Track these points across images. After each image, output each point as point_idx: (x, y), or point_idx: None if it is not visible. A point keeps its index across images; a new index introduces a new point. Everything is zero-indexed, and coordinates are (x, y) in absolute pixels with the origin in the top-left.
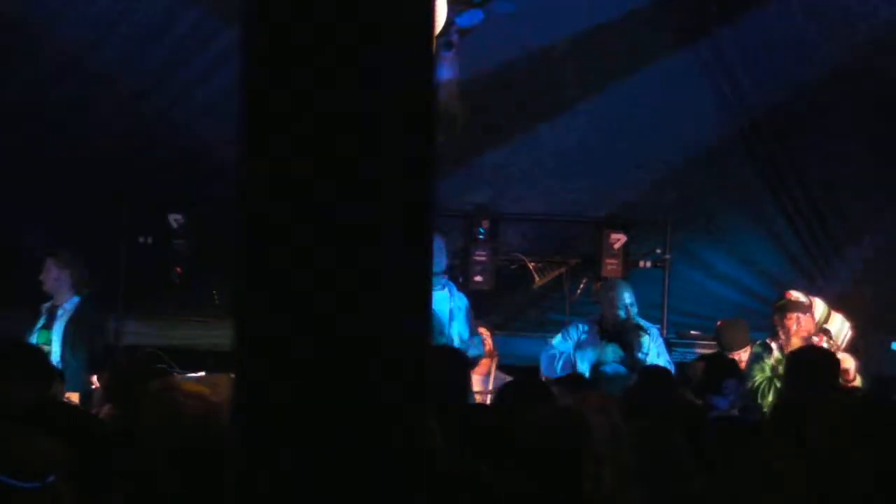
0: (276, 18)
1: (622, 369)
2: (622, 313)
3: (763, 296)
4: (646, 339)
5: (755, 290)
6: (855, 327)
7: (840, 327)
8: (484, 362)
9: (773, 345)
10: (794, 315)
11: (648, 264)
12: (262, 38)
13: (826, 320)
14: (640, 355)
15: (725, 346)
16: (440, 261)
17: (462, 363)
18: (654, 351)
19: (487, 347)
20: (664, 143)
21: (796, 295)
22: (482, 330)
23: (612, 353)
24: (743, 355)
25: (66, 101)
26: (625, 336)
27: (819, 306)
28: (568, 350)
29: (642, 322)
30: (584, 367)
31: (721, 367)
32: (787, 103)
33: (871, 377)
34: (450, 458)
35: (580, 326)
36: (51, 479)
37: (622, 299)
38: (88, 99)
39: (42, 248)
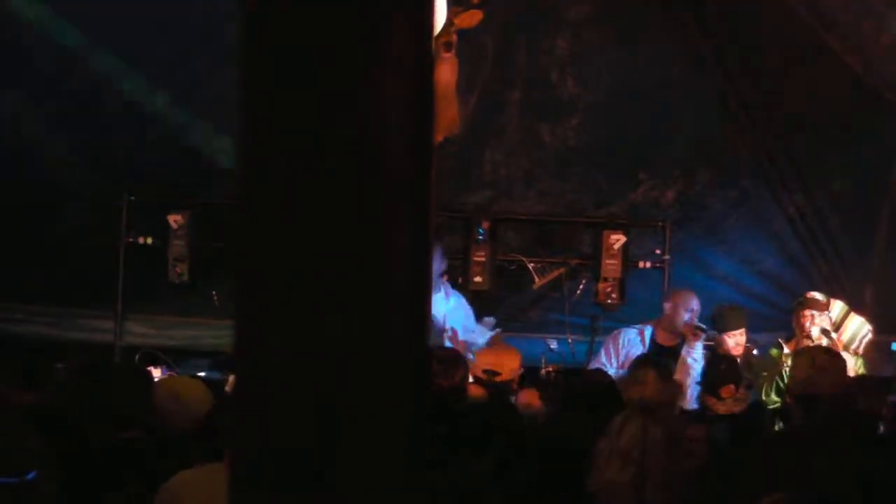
0: (275, 18)
1: None
2: (687, 317)
3: (763, 296)
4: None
5: (755, 290)
6: (875, 330)
7: (858, 329)
8: None
9: (786, 345)
10: (809, 313)
11: (648, 265)
12: (261, 37)
13: (843, 321)
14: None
15: (719, 328)
16: (436, 266)
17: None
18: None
19: None
20: (664, 143)
21: (814, 294)
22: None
23: None
24: (740, 338)
25: (66, 100)
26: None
27: (837, 306)
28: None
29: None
30: None
31: (717, 369)
32: (788, 102)
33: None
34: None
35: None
36: (31, 475)
37: (690, 304)
38: (88, 99)
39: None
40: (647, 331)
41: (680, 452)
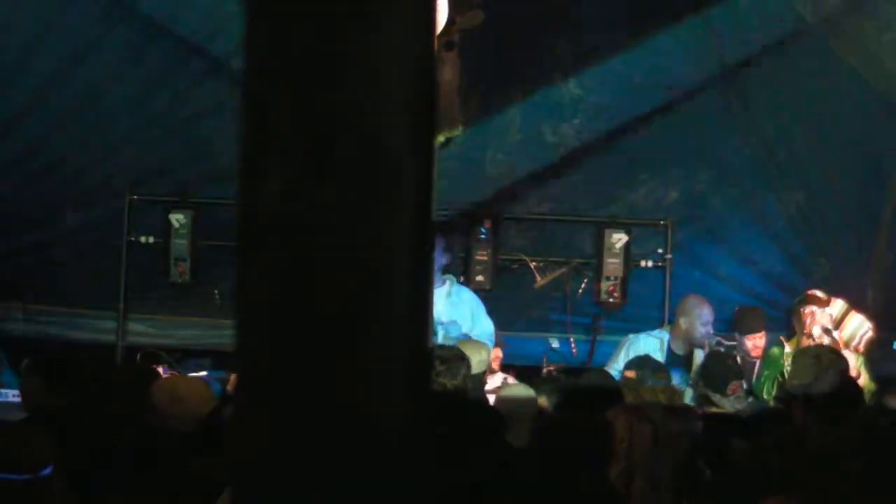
0: (276, 19)
1: None
2: (703, 331)
3: (764, 296)
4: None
5: (756, 290)
6: (875, 328)
7: (857, 327)
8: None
9: (787, 343)
10: (810, 310)
11: (649, 264)
12: (262, 37)
13: (843, 318)
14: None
15: (739, 330)
16: (437, 259)
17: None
18: None
19: (496, 361)
20: (665, 143)
21: (815, 292)
22: (496, 350)
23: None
24: (759, 341)
25: (67, 99)
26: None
27: (837, 305)
28: None
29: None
30: None
31: (723, 367)
32: (788, 101)
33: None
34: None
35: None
36: (45, 472)
37: (706, 317)
38: (89, 98)
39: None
40: (665, 339)
41: (669, 450)
